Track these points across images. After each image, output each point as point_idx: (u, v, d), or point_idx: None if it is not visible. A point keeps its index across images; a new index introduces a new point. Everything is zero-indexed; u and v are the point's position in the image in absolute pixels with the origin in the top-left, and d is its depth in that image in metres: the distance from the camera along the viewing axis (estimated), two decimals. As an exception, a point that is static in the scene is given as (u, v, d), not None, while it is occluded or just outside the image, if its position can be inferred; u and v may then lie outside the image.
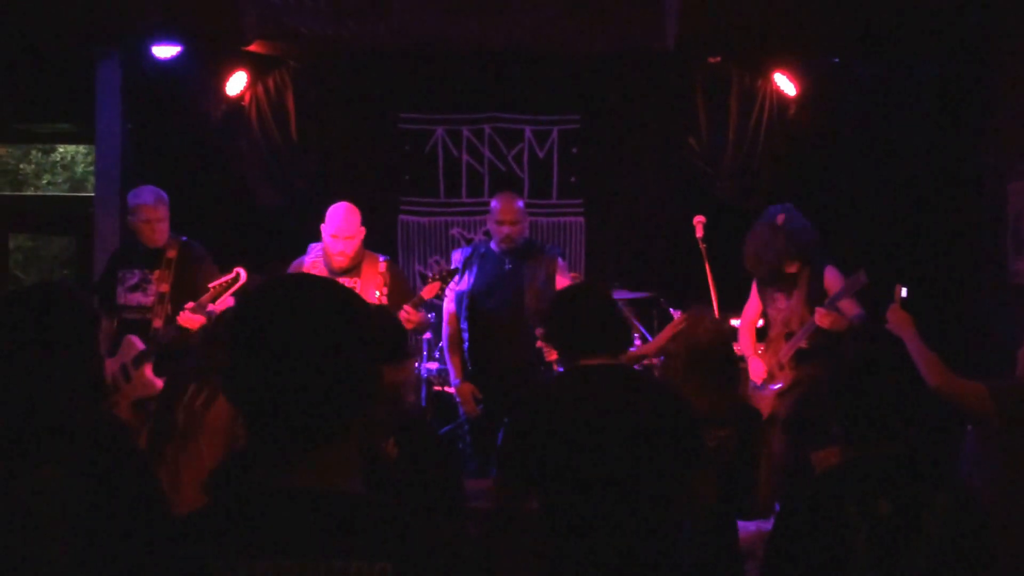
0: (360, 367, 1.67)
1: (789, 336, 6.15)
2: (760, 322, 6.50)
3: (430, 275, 6.05)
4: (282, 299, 1.68)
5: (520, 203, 6.34)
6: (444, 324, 6.44)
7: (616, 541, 3.45)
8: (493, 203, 6.36)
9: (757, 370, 6.25)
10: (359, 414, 1.68)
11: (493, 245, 6.32)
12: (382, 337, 1.66)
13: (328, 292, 1.71)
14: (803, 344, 6.06)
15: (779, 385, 6.12)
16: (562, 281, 6.21)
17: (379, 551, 1.56)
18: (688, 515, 3.69)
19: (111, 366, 5.89)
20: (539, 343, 6.00)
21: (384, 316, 3.96)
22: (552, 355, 5.93)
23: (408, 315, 5.71)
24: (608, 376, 3.60)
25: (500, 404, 6.15)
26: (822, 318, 5.85)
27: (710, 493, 3.68)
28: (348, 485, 1.65)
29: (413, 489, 3.20)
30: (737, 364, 4.87)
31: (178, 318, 5.88)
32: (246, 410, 1.66)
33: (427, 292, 5.89)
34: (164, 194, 6.33)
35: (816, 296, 6.05)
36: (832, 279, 6.11)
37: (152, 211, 6.23)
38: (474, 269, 6.31)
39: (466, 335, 6.31)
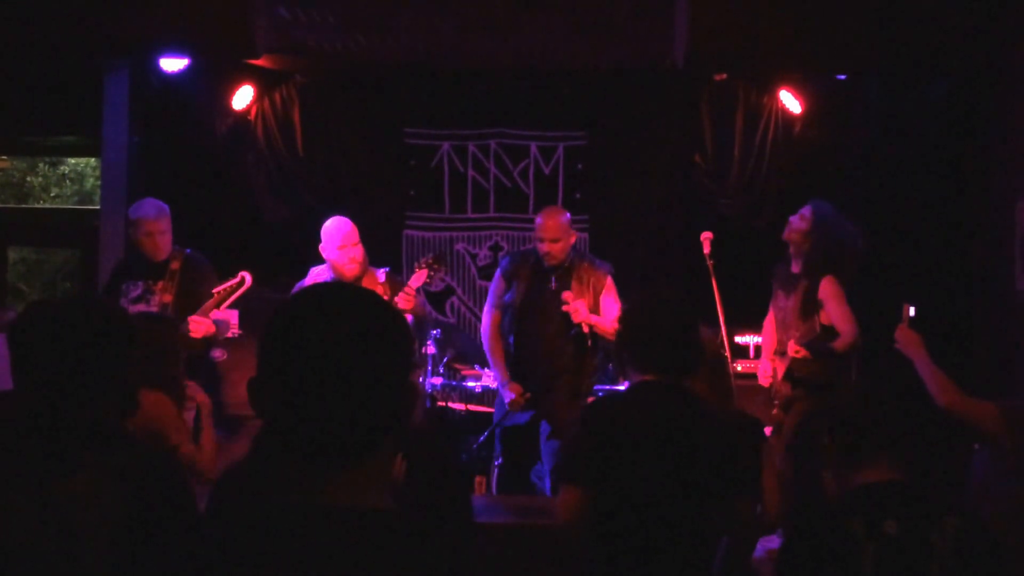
0: (397, 382, 1.62)
1: (782, 354, 6.16)
2: None
3: (416, 265, 6.07)
4: (318, 310, 1.62)
5: (564, 218, 6.25)
6: (484, 327, 6.46)
7: (655, 558, 3.45)
8: (537, 219, 6.30)
9: (765, 372, 6.25)
10: (394, 430, 1.63)
11: (539, 258, 6.28)
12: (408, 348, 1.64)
13: (365, 302, 1.66)
14: (799, 354, 6.09)
15: (780, 398, 6.13)
16: (607, 302, 6.18)
17: (408, 568, 1.54)
18: (728, 534, 3.67)
19: None
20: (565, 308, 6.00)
21: None
22: (578, 317, 5.96)
23: (406, 298, 5.79)
24: (665, 397, 3.57)
25: (541, 420, 6.25)
26: (793, 352, 5.93)
27: (750, 517, 3.68)
28: (377, 501, 1.61)
29: (421, 505, 3.18)
30: (729, 377, 4.89)
31: (189, 323, 5.87)
32: (277, 425, 1.61)
33: (414, 280, 5.92)
34: (165, 207, 6.31)
35: (809, 304, 6.06)
36: (826, 290, 6.08)
37: (154, 224, 6.22)
38: (523, 282, 6.29)
39: (511, 349, 6.36)
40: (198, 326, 5.87)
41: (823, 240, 6.18)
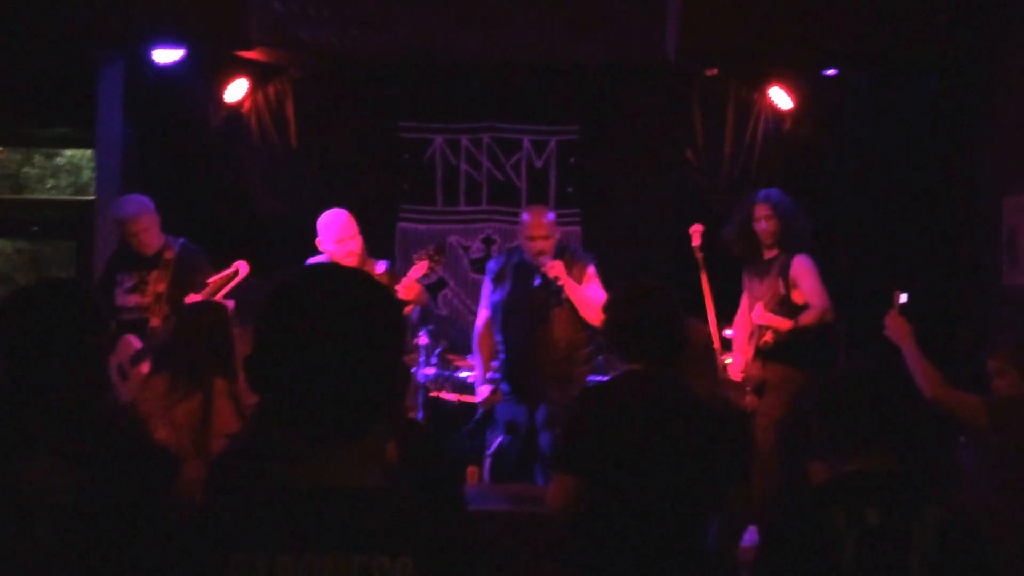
0: (391, 361, 1.65)
1: (751, 335, 6.22)
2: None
3: (416, 256, 6.10)
4: (316, 287, 1.64)
5: (550, 216, 6.35)
6: (476, 327, 6.59)
7: (646, 544, 3.50)
8: (524, 217, 6.38)
9: (737, 366, 6.28)
10: (387, 409, 1.66)
11: (524, 256, 6.35)
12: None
13: (360, 282, 1.68)
14: (766, 339, 6.13)
15: (752, 383, 6.17)
16: (590, 290, 6.21)
17: (401, 546, 1.54)
18: (718, 521, 3.72)
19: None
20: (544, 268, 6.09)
21: None
22: (552, 271, 6.03)
23: (407, 287, 5.85)
24: (653, 385, 3.62)
25: (537, 412, 6.29)
26: (758, 318, 6.01)
27: (744, 507, 3.71)
28: (370, 480, 1.63)
29: (414, 490, 3.22)
30: (718, 367, 4.93)
31: (185, 299, 5.90)
32: (271, 402, 1.63)
33: (415, 271, 5.96)
34: (147, 203, 6.31)
35: (783, 279, 6.13)
36: (800, 266, 6.17)
37: (134, 224, 6.23)
38: (508, 281, 6.38)
39: (501, 347, 6.44)
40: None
41: (785, 220, 6.33)
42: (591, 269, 6.31)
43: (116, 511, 2.62)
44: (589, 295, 6.13)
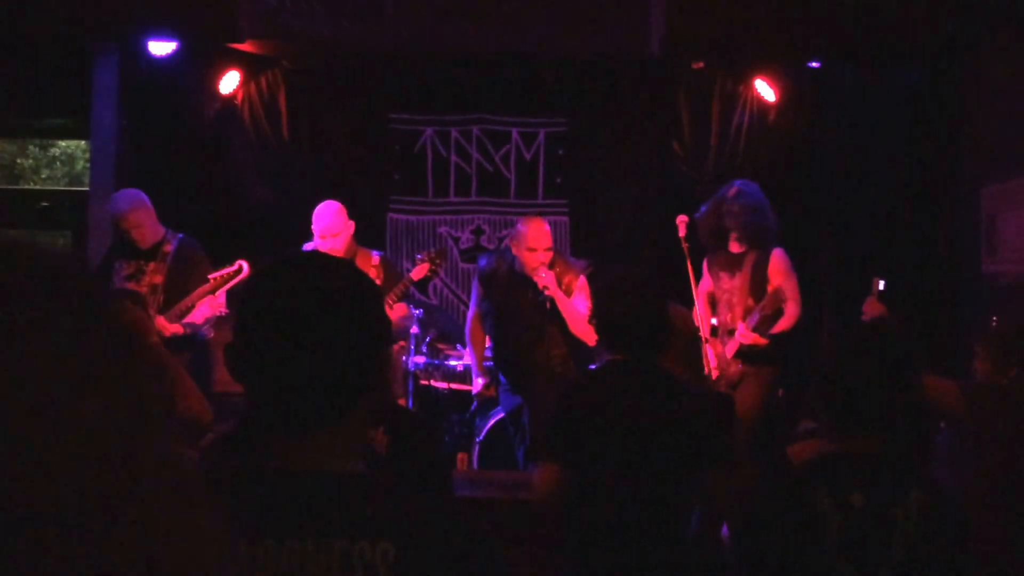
0: (370, 348, 1.66)
1: (730, 332, 6.21)
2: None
3: (419, 257, 6.17)
4: (295, 275, 1.66)
5: (548, 227, 6.22)
6: (467, 320, 6.61)
7: (629, 530, 3.56)
8: (520, 228, 6.18)
9: (709, 357, 6.32)
10: (368, 395, 1.66)
11: (517, 265, 6.22)
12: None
13: (341, 270, 1.70)
14: (746, 339, 6.12)
15: (730, 379, 6.20)
16: (577, 302, 6.12)
17: (381, 531, 1.55)
18: (700, 506, 3.79)
19: None
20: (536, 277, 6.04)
21: None
22: (542, 281, 5.98)
23: (399, 294, 5.94)
24: (636, 374, 3.67)
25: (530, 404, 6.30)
26: (743, 337, 6.00)
27: (722, 488, 3.72)
28: (352, 465, 1.63)
29: (401, 476, 3.29)
30: (701, 354, 4.98)
31: (156, 321, 5.86)
32: (251, 388, 1.63)
33: (416, 273, 6.03)
34: (139, 198, 6.30)
35: (758, 281, 6.15)
36: (777, 264, 6.19)
37: (125, 220, 6.24)
38: (499, 289, 6.28)
39: (494, 350, 6.46)
40: (164, 328, 5.92)
41: (754, 216, 6.28)
42: (582, 280, 6.21)
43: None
44: (579, 308, 6.04)
